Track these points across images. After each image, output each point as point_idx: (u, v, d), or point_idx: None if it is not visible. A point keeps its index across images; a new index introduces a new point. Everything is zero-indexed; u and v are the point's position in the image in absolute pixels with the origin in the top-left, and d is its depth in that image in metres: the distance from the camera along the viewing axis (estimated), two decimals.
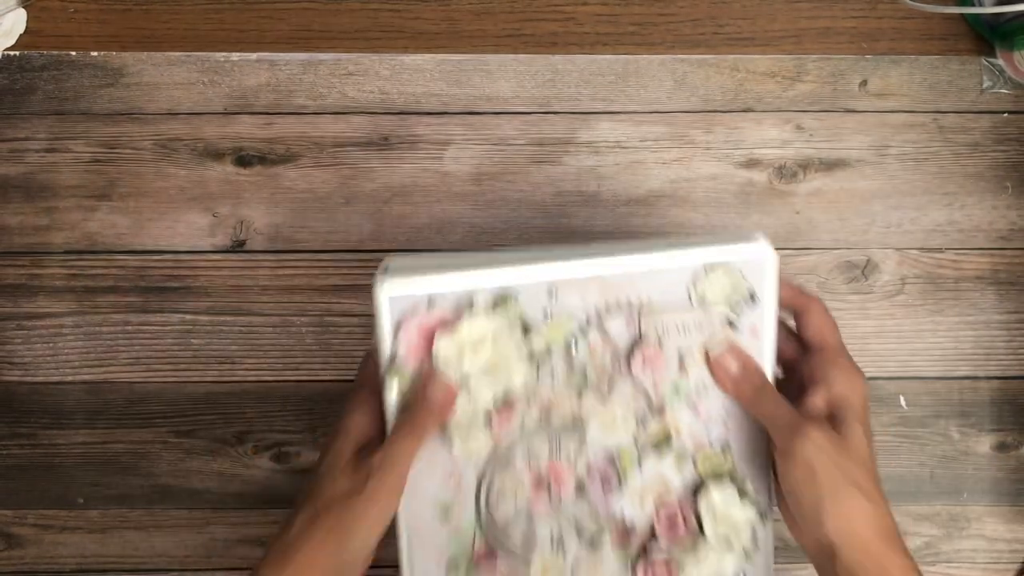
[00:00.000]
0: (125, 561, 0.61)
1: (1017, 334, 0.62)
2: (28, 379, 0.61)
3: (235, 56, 0.61)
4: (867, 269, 0.62)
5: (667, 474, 0.47)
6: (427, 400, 0.44)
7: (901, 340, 0.62)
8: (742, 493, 0.48)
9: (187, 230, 0.61)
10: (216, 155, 0.61)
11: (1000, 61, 0.62)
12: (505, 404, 0.45)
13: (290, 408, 0.61)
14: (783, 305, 0.47)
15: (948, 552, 0.62)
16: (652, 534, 0.48)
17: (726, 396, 0.47)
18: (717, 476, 0.48)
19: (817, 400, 0.45)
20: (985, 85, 0.62)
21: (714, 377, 0.47)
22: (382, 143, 0.61)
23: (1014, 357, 0.62)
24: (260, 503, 0.61)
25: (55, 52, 0.61)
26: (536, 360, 0.45)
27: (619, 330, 0.46)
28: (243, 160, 0.61)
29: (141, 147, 0.61)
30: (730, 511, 0.47)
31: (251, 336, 0.61)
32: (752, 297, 0.46)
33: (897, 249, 0.62)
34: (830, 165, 0.62)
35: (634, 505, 0.47)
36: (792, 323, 0.49)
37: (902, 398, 0.62)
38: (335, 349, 0.61)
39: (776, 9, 0.62)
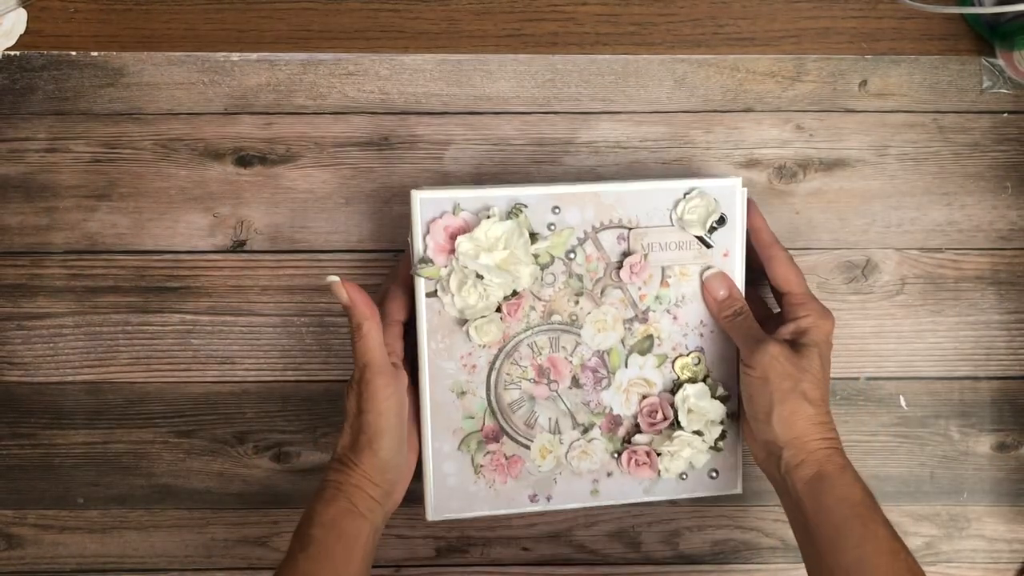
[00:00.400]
0: (125, 561, 0.62)
1: (1017, 334, 0.62)
2: (28, 379, 0.61)
3: (235, 56, 0.61)
4: (867, 269, 0.62)
5: (649, 374, 0.56)
6: (351, 306, 0.50)
7: (901, 340, 0.62)
8: (713, 393, 0.56)
9: (187, 230, 0.61)
10: (216, 155, 0.61)
11: (1000, 61, 0.62)
12: (515, 298, 0.54)
13: (290, 408, 0.61)
14: (757, 253, 0.56)
15: (948, 552, 0.62)
16: (636, 426, 0.57)
17: (702, 309, 0.56)
18: (692, 378, 0.56)
19: (784, 332, 0.54)
20: (985, 85, 0.62)
21: (704, 297, 0.56)
22: (382, 143, 0.61)
23: (1014, 357, 0.62)
24: (260, 503, 0.61)
25: (55, 52, 0.61)
26: (540, 264, 0.54)
27: (611, 244, 0.55)
28: (243, 160, 0.61)
29: (141, 147, 0.61)
30: (701, 405, 0.56)
31: (251, 336, 0.61)
32: (723, 220, 0.55)
33: (897, 249, 0.62)
34: (830, 165, 0.62)
35: (620, 400, 0.56)
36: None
37: (902, 398, 0.62)
38: (335, 349, 0.61)
39: (776, 9, 0.62)
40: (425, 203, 0.52)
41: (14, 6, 0.60)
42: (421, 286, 0.53)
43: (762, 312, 0.58)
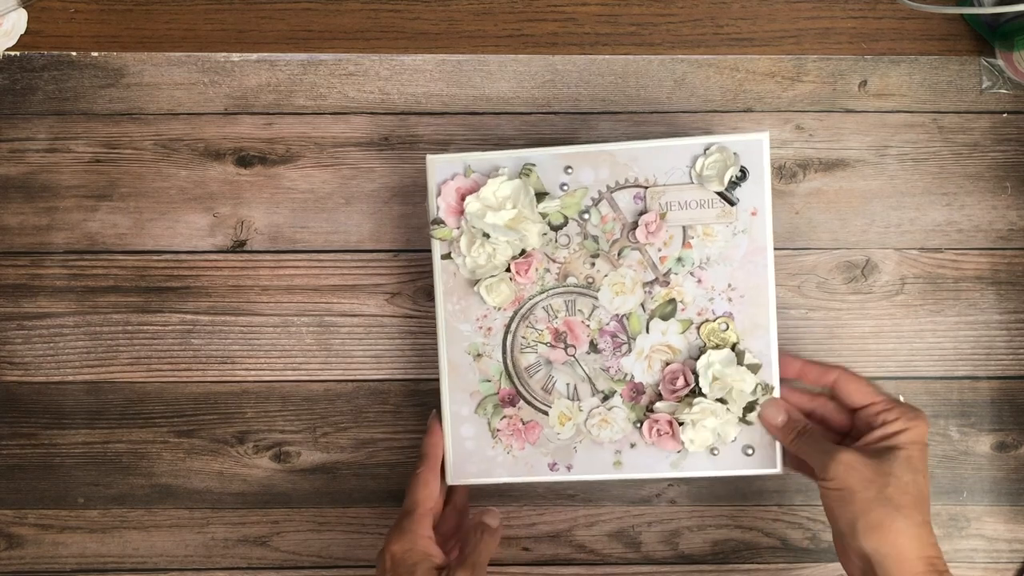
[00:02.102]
0: (125, 561, 0.62)
1: (1017, 334, 0.62)
2: (29, 379, 0.61)
3: (235, 56, 0.61)
4: (867, 269, 0.62)
5: (673, 340, 0.54)
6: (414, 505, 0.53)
7: (901, 340, 0.62)
8: (741, 361, 0.53)
9: (187, 230, 0.61)
10: (216, 155, 0.61)
11: (1000, 61, 0.62)
12: (524, 257, 0.53)
13: (290, 408, 0.61)
14: (810, 383, 0.54)
15: (948, 552, 0.62)
16: (658, 395, 0.54)
17: (729, 272, 0.53)
18: (719, 345, 0.53)
19: (869, 439, 0.50)
20: (985, 85, 0.62)
21: (763, 424, 0.53)
22: (382, 143, 0.62)
23: (1014, 357, 0.62)
24: (260, 503, 0.61)
25: (56, 52, 0.61)
26: (553, 225, 0.53)
27: (627, 203, 0.53)
28: (243, 160, 0.61)
29: (142, 147, 0.61)
30: (727, 372, 0.52)
31: (251, 336, 0.61)
32: (744, 173, 0.52)
33: (897, 249, 0.62)
34: (830, 165, 0.62)
35: (642, 367, 0.54)
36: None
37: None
38: (335, 349, 0.61)
39: (776, 9, 0.62)
40: (438, 165, 0.53)
41: (15, 6, 0.60)
42: (436, 248, 0.54)
43: (842, 423, 0.54)
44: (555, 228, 0.54)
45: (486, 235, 0.52)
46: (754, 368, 0.53)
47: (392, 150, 0.61)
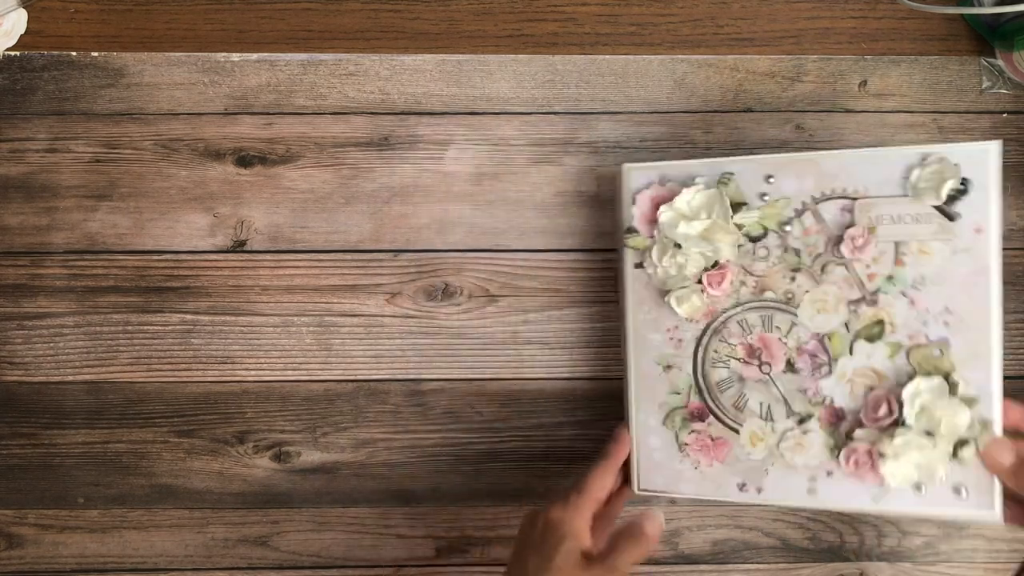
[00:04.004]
0: (125, 561, 0.62)
1: (1017, 334, 0.62)
2: (29, 379, 0.61)
3: (235, 56, 0.61)
4: None
5: (879, 364, 0.50)
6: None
7: None
8: (953, 392, 0.48)
9: (187, 230, 0.61)
10: (216, 155, 0.61)
11: (1000, 61, 0.62)
12: (717, 269, 0.52)
13: (290, 408, 0.61)
14: (1017, 428, 0.48)
15: (948, 552, 0.62)
16: (859, 422, 0.50)
17: (948, 293, 0.48)
18: (930, 373, 0.48)
19: None
20: (984, 85, 0.62)
21: (987, 466, 0.47)
22: (382, 143, 0.62)
23: (1014, 357, 0.62)
24: (260, 503, 0.61)
25: (56, 52, 0.61)
26: (752, 236, 0.52)
27: (833, 216, 0.50)
28: (243, 160, 0.61)
29: (142, 147, 0.61)
30: (936, 404, 0.48)
31: (251, 336, 0.61)
32: (964, 187, 0.47)
33: None
34: None
35: (844, 390, 0.50)
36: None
37: None
38: (335, 349, 0.61)
39: (776, 9, 0.62)
40: (633, 174, 0.53)
41: (15, 6, 0.60)
42: (629, 257, 0.54)
43: None
44: (753, 240, 0.51)
45: (677, 245, 0.51)
46: (969, 401, 0.48)
47: (392, 150, 0.61)
